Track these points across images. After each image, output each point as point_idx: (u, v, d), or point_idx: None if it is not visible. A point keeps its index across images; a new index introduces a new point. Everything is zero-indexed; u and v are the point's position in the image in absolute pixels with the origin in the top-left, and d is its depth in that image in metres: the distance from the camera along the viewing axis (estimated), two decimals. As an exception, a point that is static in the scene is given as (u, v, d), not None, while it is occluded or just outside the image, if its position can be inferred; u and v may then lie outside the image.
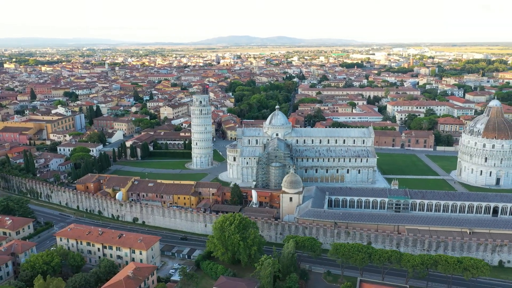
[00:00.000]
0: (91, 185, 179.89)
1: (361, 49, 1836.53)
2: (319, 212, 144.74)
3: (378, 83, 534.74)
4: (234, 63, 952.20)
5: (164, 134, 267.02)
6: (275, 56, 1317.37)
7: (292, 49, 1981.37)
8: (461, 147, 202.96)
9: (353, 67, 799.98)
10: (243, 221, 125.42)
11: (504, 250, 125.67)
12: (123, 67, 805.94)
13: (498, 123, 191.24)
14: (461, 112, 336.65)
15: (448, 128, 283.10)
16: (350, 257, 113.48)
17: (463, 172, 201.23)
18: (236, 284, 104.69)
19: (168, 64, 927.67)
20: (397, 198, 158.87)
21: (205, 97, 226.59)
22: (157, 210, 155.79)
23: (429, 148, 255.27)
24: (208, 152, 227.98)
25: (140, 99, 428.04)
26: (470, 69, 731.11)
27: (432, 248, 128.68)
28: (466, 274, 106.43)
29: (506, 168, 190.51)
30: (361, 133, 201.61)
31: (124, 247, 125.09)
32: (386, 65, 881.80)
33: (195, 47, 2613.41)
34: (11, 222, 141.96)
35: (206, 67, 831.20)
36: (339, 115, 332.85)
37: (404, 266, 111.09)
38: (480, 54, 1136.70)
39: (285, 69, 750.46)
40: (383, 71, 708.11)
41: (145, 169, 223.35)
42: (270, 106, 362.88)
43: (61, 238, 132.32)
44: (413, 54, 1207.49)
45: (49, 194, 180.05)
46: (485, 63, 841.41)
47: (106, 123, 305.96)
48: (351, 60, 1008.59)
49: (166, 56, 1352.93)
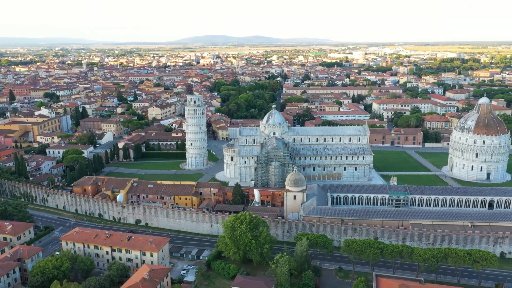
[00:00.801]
0: (89, 188, 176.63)
1: (337, 49, 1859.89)
2: (325, 210, 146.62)
3: (360, 82, 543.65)
4: (214, 62, 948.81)
5: (156, 134, 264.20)
6: (253, 55, 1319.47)
7: (270, 49, 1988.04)
8: (452, 143, 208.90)
9: (333, 66, 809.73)
10: (253, 220, 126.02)
11: (505, 242, 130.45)
12: (102, 67, 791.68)
13: (488, 120, 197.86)
14: (444, 110, 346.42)
15: (434, 125, 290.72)
16: (363, 253, 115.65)
17: (454, 167, 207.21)
18: (254, 283, 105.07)
19: (147, 64, 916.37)
20: (397, 194, 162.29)
21: (199, 97, 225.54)
22: (161, 211, 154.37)
23: (418, 145, 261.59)
24: (203, 152, 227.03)
25: (124, 99, 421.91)
26: (445, 68, 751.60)
27: (437, 241, 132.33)
28: (475, 266, 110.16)
29: (496, 163, 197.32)
30: (357, 131, 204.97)
31: (134, 250, 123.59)
32: (365, 64, 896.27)
33: (171, 47, 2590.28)
34: (12, 227, 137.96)
35: (186, 67, 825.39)
36: (326, 114, 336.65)
37: (416, 260, 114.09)
38: (453, 53, 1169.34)
39: (267, 68, 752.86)
40: (363, 70, 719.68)
41: (139, 170, 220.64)
42: (258, 106, 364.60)
43: (66, 242, 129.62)
44: (390, 53, 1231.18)
45: (45, 198, 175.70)
46: (459, 61, 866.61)
47: (93, 124, 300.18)
48: (331, 59, 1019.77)
49: (143, 56, 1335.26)
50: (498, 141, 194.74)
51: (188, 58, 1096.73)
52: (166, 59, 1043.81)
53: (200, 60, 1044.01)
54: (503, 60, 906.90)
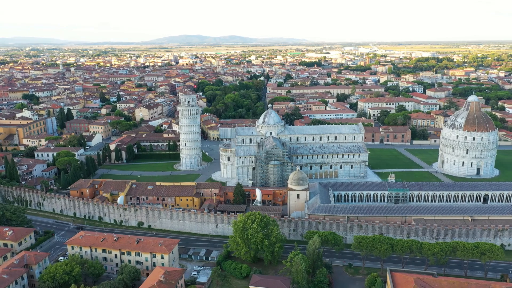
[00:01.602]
0: (86, 191, 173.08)
1: (314, 48, 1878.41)
2: (329, 207, 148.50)
3: (342, 81, 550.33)
4: (194, 62, 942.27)
5: (147, 136, 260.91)
6: (232, 55, 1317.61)
7: (247, 49, 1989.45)
8: (443, 140, 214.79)
9: (313, 65, 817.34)
10: (264, 219, 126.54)
11: (505, 234, 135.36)
12: (79, 68, 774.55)
13: (477, 117, 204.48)
14: (427, 108, 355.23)
15: (420, 123, 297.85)
16: (374, 249, 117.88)
17: (445, 163, 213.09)
18: (271, 282, 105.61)
19: (125, 64, 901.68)
20: (397, 191, 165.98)
21: (193, 97, 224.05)
22: (164, 213, 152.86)
23: (407, 142, 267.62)
24: (197, 152, 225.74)
25: (107, 100, 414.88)
26: (422, 67, 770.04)
27: (440, 236, 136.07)
28: (483, 258, 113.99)
29: (485, 158, 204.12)
30: (352, 129, 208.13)
31: (144, 252, 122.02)
32: (343, 63, 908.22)
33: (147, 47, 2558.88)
34: (12, 233, 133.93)
35: (166, 67, 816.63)
36: (314, 113, 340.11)
37: (425, 254, 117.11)
38: (427, 53, 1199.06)
39: (248, 68, 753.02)
40: (343, 69, 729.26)
41: (133, 172, 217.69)
42: (245, 105, 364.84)
43: (72, 247, 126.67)
44: (366, 53, 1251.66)
45: (40, 202, 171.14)
46: (434, 61, 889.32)
47: (79, 126, 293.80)
48: (310, 59, 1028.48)
49: (120, 56, 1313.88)
50: (487, 137, 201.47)
51: (166, 58, 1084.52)
52: (144, 59, 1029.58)
53: (179, 60, 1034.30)
54: (475, 59, 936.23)
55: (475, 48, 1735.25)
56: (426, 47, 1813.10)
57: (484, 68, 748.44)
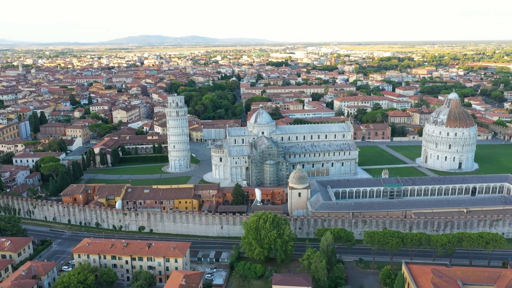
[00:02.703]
0: (80, 197, 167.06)
1: (277, 48, 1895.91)
2: (333, 205, 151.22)
3: (312, 81, 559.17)
4: (159, 63, 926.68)
5: (130, 138, 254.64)
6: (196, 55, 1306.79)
7: (211, 49, 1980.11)
8: (426, 136, 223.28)
9: (281, 65, 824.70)
10: (275, 219, 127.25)
11: (499, 224, 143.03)
12: (40, 70, 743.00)
13: (458, 114, 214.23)
14: (400, 105, 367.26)
15: (397, 120, 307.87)
16: (386, 243, 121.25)
17: (429, 159, 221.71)
18: (294, 280, 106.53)
19: (88, 65, 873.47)
20: (392, 186, 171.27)
21: (181, 98, 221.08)
22: (167, 216, 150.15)
23: (387, 139, 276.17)
24: (186, 154, 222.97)
25: (77, 103, 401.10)
26: (385, 66, 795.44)
27: (440, 228, 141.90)
28: (488, 247, 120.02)
29: (467, 153, 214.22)
30: (341, 127, 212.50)
31: (157, 257, 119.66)
32: (309, 63, 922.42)
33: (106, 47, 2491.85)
34: (11, 244, 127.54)
35: (132, 68, 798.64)
36: (292, 112, 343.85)
37: (434, 246, 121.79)
38: (388, 52, 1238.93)
39: (217, 68, 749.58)
40: (311, 69, 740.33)
41: (121, 176, 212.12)
42: (223, 106, 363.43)
43: (79, 255, 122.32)
44: (330, 53, 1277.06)
45: (31, 210, 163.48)
46: (396, 60, 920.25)
47: (55, 130, 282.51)
48: (276, 59, 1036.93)
49: (79, 57, 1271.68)
50: (468, 133, 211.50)
51: (130, 59, 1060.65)
52: (107, 60, 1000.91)
53: (144, 61, 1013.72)
54: (434, 59, 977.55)
55: (430, 48, 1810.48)
56: (385, 47, 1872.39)
57: (444, 67, 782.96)
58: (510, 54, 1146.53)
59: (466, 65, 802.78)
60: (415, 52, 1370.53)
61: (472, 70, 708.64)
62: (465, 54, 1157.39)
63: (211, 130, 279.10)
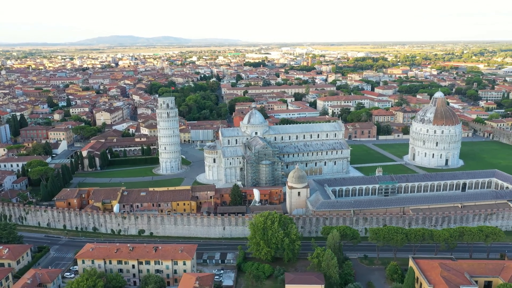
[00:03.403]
0: (74, 201, 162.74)
1: (252, 49, 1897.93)
2: (333, 203, 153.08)
3: (292, 81, 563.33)
4: (135, 64, 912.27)
5: (117, 141, 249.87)
6: (171, 56, 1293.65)
7: (185, 49, 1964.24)
8: (413, 134, 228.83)
9: (259, 66, 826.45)
10: (282, 218, 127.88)
11: (493, 217, 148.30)
12: (10, 71, 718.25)
13: (444, 112, 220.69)
14: (381, 104, 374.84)
15: (381, 119, 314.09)
16: (391, 239, 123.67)
17: (416, 156, 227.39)
18: (307, 278, 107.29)
19: (61, 66, 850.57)
20: (387, 183, 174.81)
21: (171, 99, 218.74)
22: (168, 219, 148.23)
23: (373, 137, 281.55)
24: (177, 156, 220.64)
25: (55, 105, 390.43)
26: (361, 66, 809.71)
27: (438, 223, 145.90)
28: (487, 240, 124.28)
29: (453, 150, 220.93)
30: (333, 127, 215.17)
31: (165, 260, 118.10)
32: (286, 63, 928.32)
33: (76, 48, 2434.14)
34: (9, 251, 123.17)
35: (108, 69, 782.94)
36: (277, 112, 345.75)
37: (437, 241, 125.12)
38: (361, 53, 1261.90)
39: (195, 69, 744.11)
40: (289, 69, 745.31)
41: (111, 179, 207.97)
42: (208, 107, 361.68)
43: (83, 260, 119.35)
44: (306, 53, 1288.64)
45: (23, 216, 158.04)
46: (371, 60, 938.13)
47: (37, 133, 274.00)
48: (253, 59, 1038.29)
49: (50, 58, 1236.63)
50: (454, 130, 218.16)
51: (104, 60, 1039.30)
52: (80, 61, 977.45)
53: (119, 61, 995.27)
54: (406, 59, 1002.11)
55: (401, 48, 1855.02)
56: (357, 47, 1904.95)
57: (417, 66, 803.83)
58: (477, 54, 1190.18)
59: (438, 65, 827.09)
60: (387, 52, 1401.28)
61: (445, 70, 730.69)
62: (436, 54, 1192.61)
63: (199, 131, 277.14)
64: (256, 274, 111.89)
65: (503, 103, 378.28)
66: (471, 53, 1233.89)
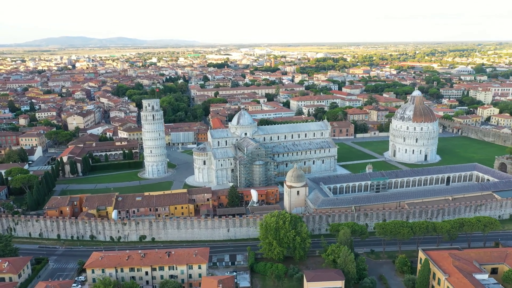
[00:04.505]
0: (67, 209, 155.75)
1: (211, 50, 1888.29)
2: (333, 200, 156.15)
3: (260, 81, 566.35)
4: (94, 66, 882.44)
5: (97, 145, 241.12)
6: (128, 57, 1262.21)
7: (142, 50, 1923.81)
8: (393, 132, 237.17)
9: (223, 67, 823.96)
10: (292, 218, 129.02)
11: (482, 208, 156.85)
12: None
13: (422, 109, 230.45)
14: (352, 104, 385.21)
15: (356, 117, 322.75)
16: (398, 233, 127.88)
17: (397, 152, 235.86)
18: (327, 275, 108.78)
19: (14, 69, 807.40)
20: (378, 180, 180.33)
21: (156, 101, 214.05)
22: (170, 223, 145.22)
23: (351, 136, 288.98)
24: (163, 159, 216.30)
25: (17, 109, 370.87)
26: (323, 67, 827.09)
27: (433, 215, 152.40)
28: (486, 230, 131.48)
29: (431, 146, 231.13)
30: (319, 126, 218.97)
31: (180, 265, 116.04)
32: (249, 64, 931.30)
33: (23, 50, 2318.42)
34: (9, 264, 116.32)
35: (66, 71, 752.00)
36: (253, 113, 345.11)
37: (440, 232, 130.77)
38: (321, 53, 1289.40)
39: (158, 71, 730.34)
40: (253, 70, 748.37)
41: (96, 185, 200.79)
42: (182, 109, 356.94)
43: (93, 270, 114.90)
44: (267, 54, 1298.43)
45: (11, 227, 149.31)
46: (331, 61, 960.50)
47: (6, 139, 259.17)
48: (215, 60, 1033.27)
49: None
50: (432, 127, 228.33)
51: (60, 62, 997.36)
52: (34, 63, 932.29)
53: (76, 63, 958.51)
54: (365, 59, 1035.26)
55: (356, 49, 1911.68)
56: (314, 48, 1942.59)
57: (375, 66, 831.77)
58: (429, 54, 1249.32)
59: (396, 64, 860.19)
60: (344, 53, 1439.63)
61: (403, 69, 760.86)
62: (391, 55, 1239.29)
63: (179, 133, 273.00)
64: (278, 274, 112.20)
65: (464, 101, 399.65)
66: (423, 53, 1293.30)
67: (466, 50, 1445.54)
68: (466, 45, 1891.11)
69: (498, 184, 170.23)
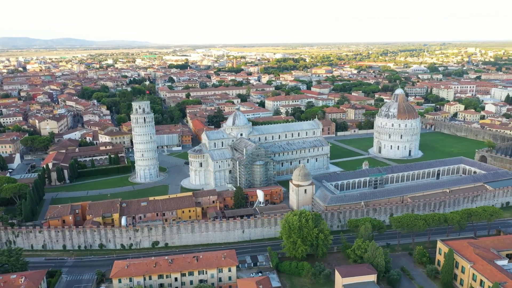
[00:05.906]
0: (69, 218, 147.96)
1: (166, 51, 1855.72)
2: (342, 197, 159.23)
3: (227, 82, 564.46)
4: (47, 68, 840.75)
5: (80, 150, 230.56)
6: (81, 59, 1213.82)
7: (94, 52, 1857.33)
8: (378, 129, 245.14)
9: (186, 68, 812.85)
10: (313, 216, 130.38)
11: (478, 199, 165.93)
12: None
13: (406, 107, 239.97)
14: (325, 103, 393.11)
15: (334, 116, 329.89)
16: (414, 226, 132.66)
17: (383, 149, 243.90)
18: (359, 270, 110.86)
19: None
20: (376, 176, 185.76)
21: (147, 103, 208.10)
22: (184, 227, 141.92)
23: (332, 134, 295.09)
24: (155, 163, 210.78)
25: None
26: (285, 67, 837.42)
27: (436, 207, 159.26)
28: (491, 219, 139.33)
29: (415, 141, 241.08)
30: (311, 125, 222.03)
31: (210, 269, 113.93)
32: (210, 65, 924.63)
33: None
34: (26, 280, 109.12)
35: (18, 74, 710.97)
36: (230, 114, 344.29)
37: (451, 223, 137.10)
38: (279, 54, 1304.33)
39: (120, 73, 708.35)
40: (217, 71, 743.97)
41: (88, 192, 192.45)
42: (157, 111, 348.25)
43: (119, 280, 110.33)
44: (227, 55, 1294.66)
45: (11, 240, 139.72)
46: (292, 61, 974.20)
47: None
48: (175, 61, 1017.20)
49: None
50: (415, 123, 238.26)
51: (8, 64, 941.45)
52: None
53: (27, 66, 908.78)
54: (323, 59, 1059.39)
55: (311, 49, 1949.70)
56: (269, 49, 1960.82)
57: (335, 66, 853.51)
58: (382, 54, 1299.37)
59: (354, 64, 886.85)
60: (299, 53, 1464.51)
61: (362, 69, 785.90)
62: (347, 55, 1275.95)
63: (163, 136, 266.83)
64: (314, 272, 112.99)
65: (429, 98, 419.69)
66: (376, 53, 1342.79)
67: (415, 50, 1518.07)
68: (414, 45, 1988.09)
69: (488, 176, 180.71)
